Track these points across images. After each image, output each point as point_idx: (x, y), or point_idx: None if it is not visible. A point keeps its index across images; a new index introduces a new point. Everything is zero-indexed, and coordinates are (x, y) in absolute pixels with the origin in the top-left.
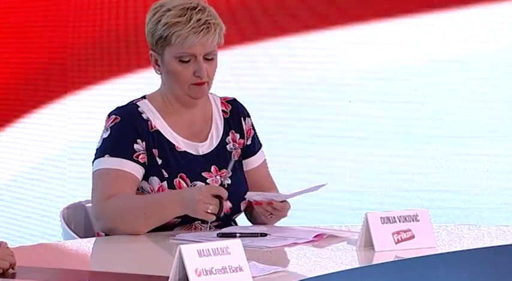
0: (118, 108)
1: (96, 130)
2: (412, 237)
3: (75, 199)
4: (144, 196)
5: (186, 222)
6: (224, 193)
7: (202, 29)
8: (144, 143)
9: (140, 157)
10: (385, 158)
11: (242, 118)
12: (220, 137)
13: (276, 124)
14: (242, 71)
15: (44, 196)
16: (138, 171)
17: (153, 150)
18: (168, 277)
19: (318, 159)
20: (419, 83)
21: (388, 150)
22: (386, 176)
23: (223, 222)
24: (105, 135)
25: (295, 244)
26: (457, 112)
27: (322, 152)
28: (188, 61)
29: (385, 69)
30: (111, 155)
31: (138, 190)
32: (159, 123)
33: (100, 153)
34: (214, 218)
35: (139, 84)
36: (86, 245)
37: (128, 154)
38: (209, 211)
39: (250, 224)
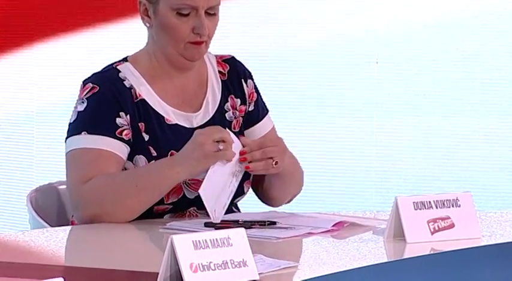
0: (95, 74)
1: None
2: (452, 226)
3: (45, 180)
4: (131, 169)
5: (179, 208)
6: (228, 136)
7: None
8: (128, 116)
9: (124, 133)
10: (420, 130)
11: (243, 80)
12: (217, 105)
13: (287, 90)
14: (247, 26)
15: (7, 175)
16: (122, 150)
17: (139, 124)
18: (157, 274)
19: (337, 131)
20: (460, 41)
21: (423, 120)
22: (420, 152)
23: None
24: (81, 108)
25: (310, 234)
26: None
27: (342, 123)
28: (187, 14)
29: (417, 26)
30: (89, 132)
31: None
32: (144, 90)
33: (75, 130)
34: (231, 156)
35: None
36: (58, 235)
37: (110, 130)
38: (221, 148)
39: (254, 211)
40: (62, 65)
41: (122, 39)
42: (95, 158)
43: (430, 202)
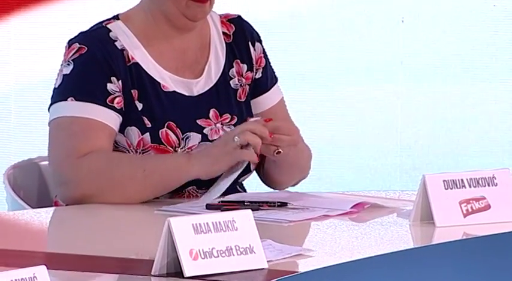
0: (82, 34)
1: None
2: (487, 207)
3: (24, 156)
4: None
5: (178, 187)
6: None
7: None
8: (120, 82)
9: (116, 101)
10: (450, 98)
11: (250, 43)
12: (221, 70)
13: (306, 54)
14: None
15: None
16: (114, 120)
17: (132, 91)
18: (152, 261)
19: (358, 99)
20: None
21: (454, 88)
22: (451, 124)
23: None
24: (66, 71)
25: (326, 216)
26: None
27: (364, 91)
28: None
29: None
30: (76, 99)
31: None
32: (138, 53)
33: (61, 95)
34: (251, 156)
35: None
36: (40, 217)
37: (100, 97)
38: (237, 141)
39: (264, 191)
40: (40, 38)
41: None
42: (86, 129)
43: (462, 180)
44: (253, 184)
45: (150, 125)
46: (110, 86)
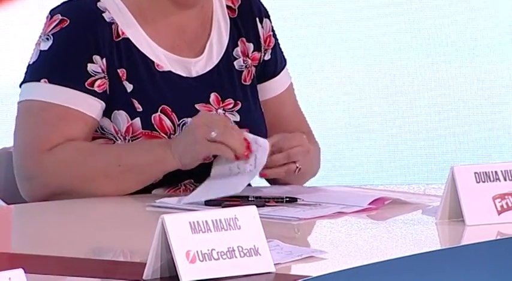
0: (66, 3)
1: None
2: None
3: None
4: (114, 145)
5: (171, 180)
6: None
7: None
8: (104, 60)
9: (97, 84)
10: (483, 71)
11: (257, 19)
12: (224, 49)
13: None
14: None
15: None
16: (94, 107)
17: (119, 70)
18: (144, 264)
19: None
20: None
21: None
22: (486, 108)
23: None
24: (44, 47)
25: (341, 214)
26: None
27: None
28: None
29: None
30: (50, 81)
31: (96, 132)
32: (130, 28)
33: (34, 74)
34: (228, 152)
35: None
36: (15, 215)
37: (78, 81)
38: (213, 135)
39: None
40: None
41: None
42: (59, 118)
43: (496, 173)
44: (258, 178)
45: (141, 109)
46: (90, 67)
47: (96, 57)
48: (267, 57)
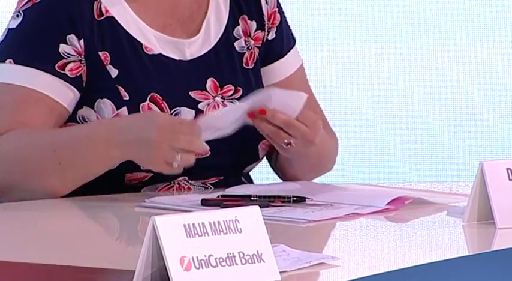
0: None
1: None
2: None
3: None
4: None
5: (162, 177)
6: (198, 146)
7: None
8: (82, 41)
9: (69, 67)
10: None
11: None
12: (223, 29)
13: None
14: None
15: None
16: (63, 94)
17: (100, 53)
18: (132, 272)
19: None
20: None
21: None
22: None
23: (226, 177)
24: (13, 24)
25: (356, 215)
26: None
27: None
28: None
29: None
30: (16, 61)
31: (76, 122)
32: (115, 6)
33: (0, 54)
34: (181, 170)
35: None
36: None
37: (46, 62)
38: (176, 162)
39: (277, 181)
40: None
41: None
42: (19, 101)
43: None
44: (262, 174)
45: (127, 98)
46: (63, 48)
47: (72, 38)
48: (271, 36)
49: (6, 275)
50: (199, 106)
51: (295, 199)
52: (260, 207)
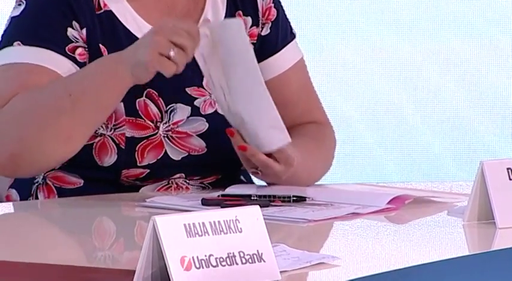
0: None
1: None
2: None
3: None
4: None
5: (159, 174)
6: (195, 30)
7: None
8: (84, 30)
9: (79, 52)
10: None
11: None
12: None
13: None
14: None
15: None
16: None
17: (100, 45)
18: (133, 272)
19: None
20: None
21: None
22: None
23: (224, 176)
24: (16, 13)
25: (356, 215)
26: None
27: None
28: None
29: None
30: (24, 43)
31: None
32: (115, 3)
33: (5, 40)
34: (174, 69)
35: None
36: None
37: (58, 43)
38: (171, 54)
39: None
40: None
41: None
42: (27, 72)
43: None
44: None
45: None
46: (71, 32)
47: (76, 24)
48: (265, 32)
49: (4, 275)
50: (196, 103)
51: (295, 198)
52: (260, 207)
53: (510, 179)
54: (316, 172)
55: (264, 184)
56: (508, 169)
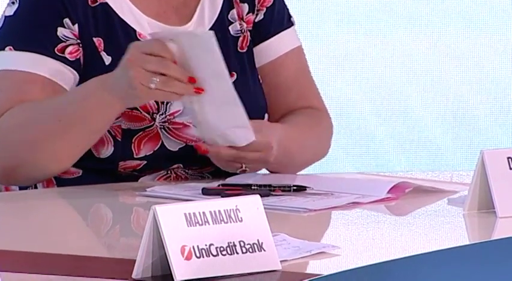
0: None
1: None
2: None
3: None
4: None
5: (156, 165)
6: (163, 48)
7: None
8: (76, 26)
9: (69, 50)
10: None
11: None
12: (217, 12)
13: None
14: None
15: None
16: (65, 77)
17: (95, 39)
18: (133, 261)
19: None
20: None
21: None
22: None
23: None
24: (9, 12)
25: (356, 204)
26: None
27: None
28: None
29: None
30: (16, 48)
31: None
32: None
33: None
34: (171, 98)
35: None
36: None
37: (46, 46)
38: (152, 86)
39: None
40: None
41: None
42: (19, 82)
43: None
44: None
45: None
46: (61, 31)
47: (67, 22)
48: (259, 18)
49: (2, 263)
50: None
51: (295, 188)
52: (261, 196)
53: (510, 168)
54: (307, 149)
55: (266, 172)
56: (508, 158)
